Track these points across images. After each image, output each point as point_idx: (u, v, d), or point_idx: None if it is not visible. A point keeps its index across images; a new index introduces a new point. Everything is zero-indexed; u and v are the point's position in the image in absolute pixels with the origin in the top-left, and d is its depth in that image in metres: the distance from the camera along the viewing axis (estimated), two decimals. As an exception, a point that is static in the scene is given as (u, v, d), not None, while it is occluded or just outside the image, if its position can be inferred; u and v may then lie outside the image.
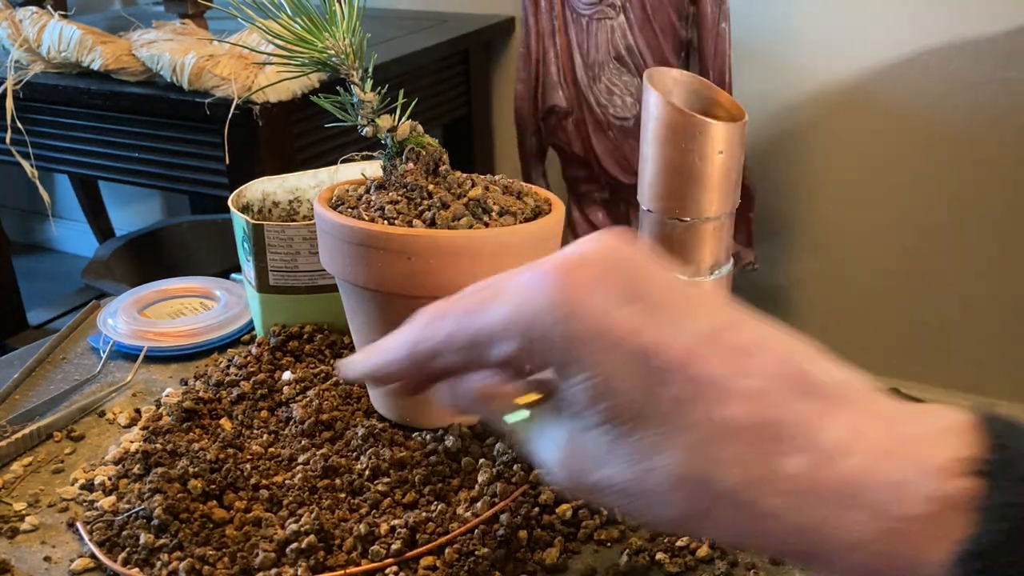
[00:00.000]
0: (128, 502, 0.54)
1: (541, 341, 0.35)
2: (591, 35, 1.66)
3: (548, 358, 0.35)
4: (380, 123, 0.58)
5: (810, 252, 1.89)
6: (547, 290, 0.35)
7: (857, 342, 1.90)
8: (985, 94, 1.64)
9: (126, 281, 1.83)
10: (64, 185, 2.62)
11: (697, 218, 0.75)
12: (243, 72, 1.40)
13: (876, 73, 1.71)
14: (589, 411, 0.34)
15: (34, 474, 0.60)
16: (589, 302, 0.34)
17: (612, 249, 0.36)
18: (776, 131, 1.82)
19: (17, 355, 0.75)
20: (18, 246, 2.77)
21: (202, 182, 1.54)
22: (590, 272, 0.35)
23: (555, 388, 0.36)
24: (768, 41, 1.77)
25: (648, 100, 0.74)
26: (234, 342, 0.75)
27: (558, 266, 0.36)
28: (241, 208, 0.72)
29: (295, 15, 0.57)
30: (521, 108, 1.78)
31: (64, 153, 1.65)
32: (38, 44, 1.53)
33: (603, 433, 0.34)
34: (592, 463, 0.35)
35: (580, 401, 0.34)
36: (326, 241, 0.57)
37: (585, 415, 0.35)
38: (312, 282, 0.69)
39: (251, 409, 0.64)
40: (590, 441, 0.35)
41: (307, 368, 0.67)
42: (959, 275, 1.76)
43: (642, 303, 0.34)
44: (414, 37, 1.79)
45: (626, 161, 1.70)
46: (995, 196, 1.69)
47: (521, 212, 0.57)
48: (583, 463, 0.35)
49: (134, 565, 0.50)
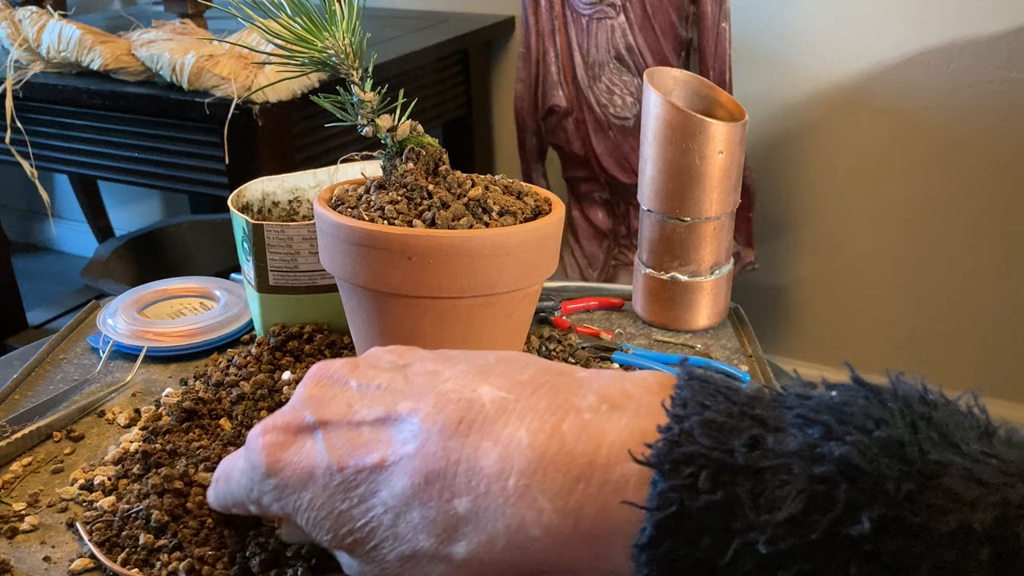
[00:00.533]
0: (128, 502, 0.54)
1: (262, 496, 0.41)
2: (591, 35, 1.66)
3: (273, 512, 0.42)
4: (380, 123, 0.58)
5: (810, 252, 1.89)
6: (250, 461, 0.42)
7: (857, 342, 1.90)
8: (986, 94, 1.64)
9: (126, 281, 1.83)
10: (64, 185, 2.62)
11: (697, 218, 0.75)
12: (243, 72, 1.40)
13: (876, 73, 1.71)
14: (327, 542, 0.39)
15: (34, 474, 0.59)
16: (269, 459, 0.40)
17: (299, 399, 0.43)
18: (776, 131, 1.82)
19: (17, 355, 0.75)
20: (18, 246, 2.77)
21: (202, 182, 1.54)
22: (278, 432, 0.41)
23: None
24: (768, 41, 1.77)
25: (648, 100, 0.74)
26: (234, 342, 0.75)
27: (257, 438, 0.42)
28: (241, 208, 0.72)
29: (295, 15, 0.56)
30: (521, 108, 1.78)
31: (64, 153, 1.65)
32: (38, 44, 1.53)
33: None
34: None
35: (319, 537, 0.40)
36: (326, 241, 0.57)
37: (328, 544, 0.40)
38: (312, 282, 0.69)
39: (251, 409, 0.64)
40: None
41: (307, 368, 0.67)
42: (959, 275, 1.76)
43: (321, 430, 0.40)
44: (414, 37, 1.79)
45: (626, 161, 1.70)
46: (995, 196, 1.69)
47: (521, 212, 0.57)
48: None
49: (134, 565, 0.50)
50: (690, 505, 0.29)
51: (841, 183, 1.81)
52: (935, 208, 1.75)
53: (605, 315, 0.81)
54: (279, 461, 0.40)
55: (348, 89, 0.58)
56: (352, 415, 0.39)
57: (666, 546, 0.29)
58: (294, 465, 0.39)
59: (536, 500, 0.33)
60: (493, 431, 0.35)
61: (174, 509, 0.53)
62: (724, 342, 0.76)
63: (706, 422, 0.31)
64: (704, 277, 0.76)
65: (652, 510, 0.30)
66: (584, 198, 1.80)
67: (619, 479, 0.31)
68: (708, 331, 0.78)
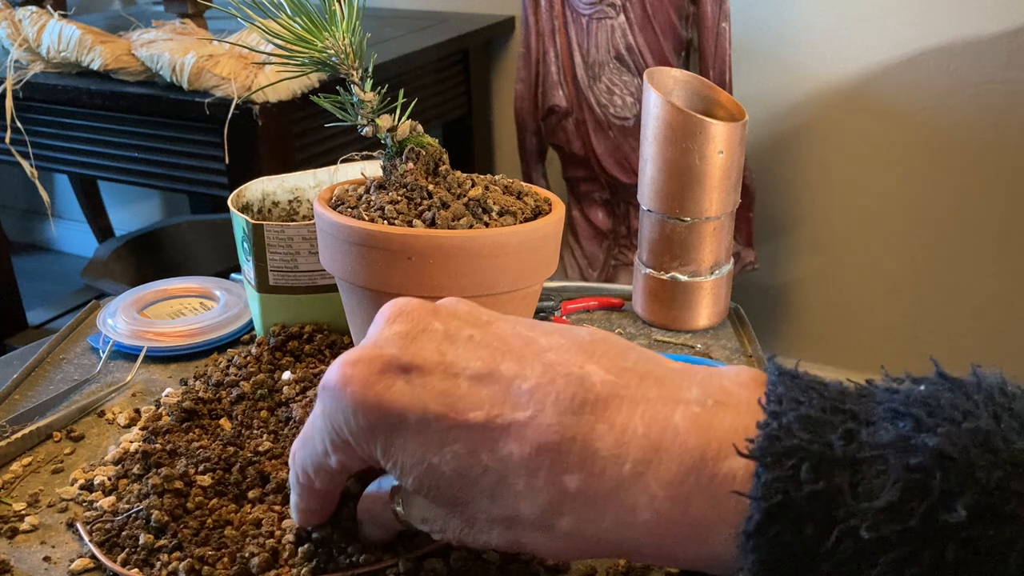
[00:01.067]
0: (128, 502, 0.54)
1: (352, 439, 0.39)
2: (591, 35, 1.66)
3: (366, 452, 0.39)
4: (380, 123, 0.58)
5: (810, 252, 1.89)
6: (333, 397, 0.39)
7: (857, 342, 1.90)
8: (986, 94, 1.64)
9: (126, 281, 1.83)
10: (64, 185, 2.62)
11: (697, 218, 0.75)
12: (243, 72, 1.40)
13: (876, 73, 1.71)
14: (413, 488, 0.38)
15: (34, 474, 0.59)
16: (368, 391, 0.38)
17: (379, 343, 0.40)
18: (776, 131, 1.82)
19: (17, 355, 0.75)
20: (18, 246, 2.77)
21: (202, 182, 1.54)
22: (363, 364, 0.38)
23: None
24: (768, 41, 1.77)
25: (648, 100, 0.74)
26: (234, 342, 0.75)
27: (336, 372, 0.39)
28: (241, 208, 0.72)
29: (295, 15, 0.56)
30: (521, 108, 1.78)
31: (64, 153, 1.65)
32: (38, 44, 1.53)
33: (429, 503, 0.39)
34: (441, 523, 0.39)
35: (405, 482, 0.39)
36: (326, 241, 0.57)
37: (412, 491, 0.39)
38: (312, 282, 0.69)
39: (251, 409, 0.64)
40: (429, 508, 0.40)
41: (307, 368, 0.67)
42: (959, 275, 1.76)
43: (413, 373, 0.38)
44: (414, 37, 1.79)
45: (626, 161, 1.70)
46: (995, 196, 1.69)
47: (521, 212, 0.57)
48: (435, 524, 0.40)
49: (134, 565, 0.50)
50: (794, 495, 0.31)
51: (841, 183, 1.81)
52: (935, 208, 1.75)
53: (605, 315, 0.81)
54: (368, 397, 0.37)
55: (348, 89, 0.58)
56: (447, 363, 0.38)
57: (772, 532, 0.31)
58: (386, 404, 0.37)
59: (649, 486, 0.34)
60: (607, 415, 0.35)
61: (174, 509, 0.53)
62: (724, 342, 0.76)
63: (802, 417, 0.33)
64: (704, 277, 0.76)
65: (759, 499, 0.32)
66: (584, 198, 1.80)
67: (727, 472, 0.33)
68: (708, 331, 0.78)
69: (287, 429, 0.62)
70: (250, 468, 0.57)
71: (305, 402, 0.63)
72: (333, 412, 0.39)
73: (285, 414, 0.63)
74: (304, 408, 0.62)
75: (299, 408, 0.62)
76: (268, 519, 0.53)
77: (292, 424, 0.62)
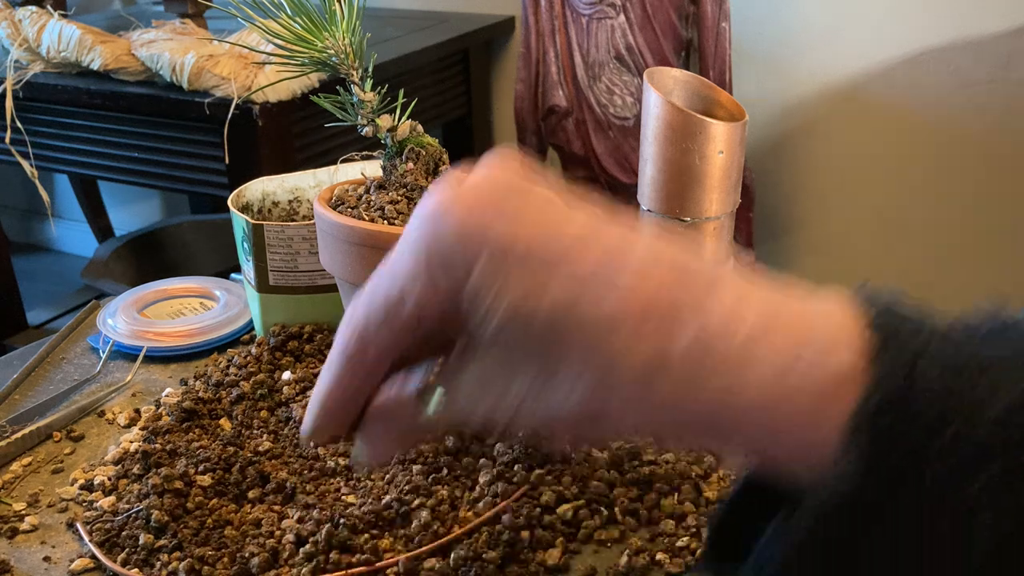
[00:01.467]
0: (128, 502, 0.54)
1: (442, 270, 0.35)
2: (591, 35, 1.66)
3: (453, 285, 0.35)
4: (380, 123, 0.58)
5: (810, 252, 1.89)
6: (434, 219, 0.35)
7: (857, 342, 1.90)
8: (986, 94, 1.64)
9: (126, 281, 1.83)
10: (64, 185, 2.62)
11: (697, 218, 0.75)
12: (243, 72, 1.40)
13: (876, 73, 1.71)
14: (496, 328, 0.35)
15: (34, 474, 0.59)
16: (472, 220, 0.35)
17: (486, 176, 0.36)
18: (776, 131, 1.82)
19: (17, 355, 0.75)
20: (18, 246, 2.77)
21: (202, 182, 1.54)
22: (468, 197, 0.35)
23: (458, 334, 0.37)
24: (768, 41, 1.77)
25: (648, 100, 0.74)
26: (234, 342, 0.75)
27: (436, 200, 0.36)
28: (241, 208, 0.72)
29: (295, 15, 0.56)
30: (521, 108, 1.78)
31: (64, 153, 1.65)
32: (38, 44, 1.53)
33: (507, 351, 0.35)
34: (503, 385, 0.36)
35: (488, 321, 0.35)
36: (326, 241, 0.57)
37: (491, 336, 0.35)
38: (312, 282, 0.69)
39: (251, 409, 0.64)
40: (497, 366, 0.36)
41: (307, 368, 0.67)
42: (960, 275, 1.76)
43: (521, 216, 0.35)
44: (414, 37, 1.79)
45: (626, 161, 1.70)
46: (995, 196, 1.69)
47: (521, 212, 0.57)
48: (495, 389, 0.36)
49: (134, 565, 0.50)
50: (913, 385, 0.30)
51: (841, 183, 1.81)
52: (935, 208, 1.75)
53: (605, 315, 0.81)
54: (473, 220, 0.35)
55: (348, 89, 0.58)
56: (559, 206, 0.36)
57: (885, 422, 0.30)
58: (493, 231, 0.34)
59: (761, 362, 0.33)
60: (712, 294, 0.34)
61: (174, 509, 0.53)
62: (724, 342, 0.76)
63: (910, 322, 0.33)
64: (704, 277, 0.76)
65: (877, 382, 0.31)
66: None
67: (843, 358, 0.32)
68: (708, 331, 0.78)
69: (287, 429, 0.62)
70: (250, 468, 0.57)
71: (305, 402, 0.63)
72: (429, 237, 0.35)
73: (285, 414, 0.63)
74: (304, 408, 0.62)
75: (299, 408, 0.62)
76: (268, 519, 0.53)
77: (292, 424, 0.62)
